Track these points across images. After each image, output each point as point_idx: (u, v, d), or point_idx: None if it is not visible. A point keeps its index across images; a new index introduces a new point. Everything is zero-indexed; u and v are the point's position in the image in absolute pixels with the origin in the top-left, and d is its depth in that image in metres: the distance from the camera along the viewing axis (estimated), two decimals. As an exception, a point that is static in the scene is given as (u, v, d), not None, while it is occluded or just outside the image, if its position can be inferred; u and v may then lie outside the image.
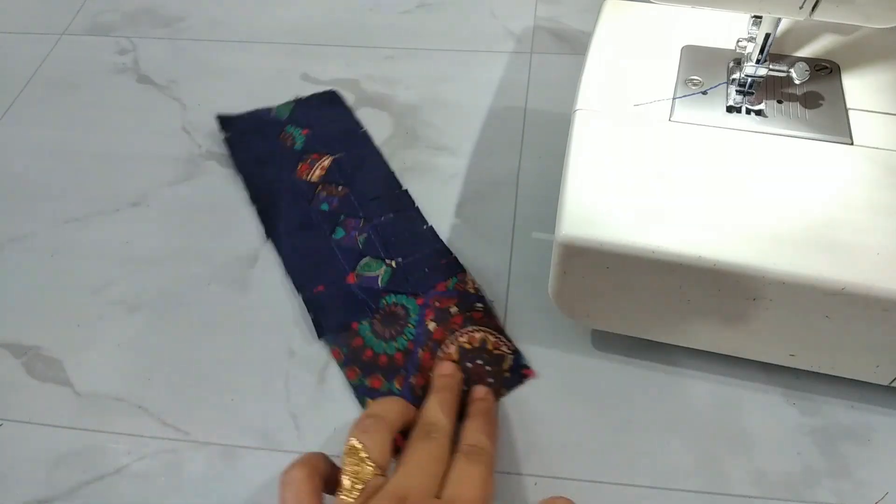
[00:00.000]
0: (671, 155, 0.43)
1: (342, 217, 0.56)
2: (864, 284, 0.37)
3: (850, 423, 0.45)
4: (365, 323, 0.50)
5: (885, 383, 0.42)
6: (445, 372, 0.47)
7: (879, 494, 0.42)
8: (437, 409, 0.42)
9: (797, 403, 0.46)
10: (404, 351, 0.48)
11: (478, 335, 0.48)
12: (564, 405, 0.47)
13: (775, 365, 0.44)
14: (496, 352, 0.48)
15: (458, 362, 0.47)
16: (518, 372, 0.47)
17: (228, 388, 0.49)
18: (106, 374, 0.50)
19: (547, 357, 0.48)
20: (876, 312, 0.37)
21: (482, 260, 0.54)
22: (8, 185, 0.63)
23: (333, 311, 0.51)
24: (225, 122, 0.64)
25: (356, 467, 0.38)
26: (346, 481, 0.37)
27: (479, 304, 0.50)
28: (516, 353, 0.48)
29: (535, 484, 0.44)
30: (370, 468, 0.38)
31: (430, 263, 0.53)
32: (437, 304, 0.50)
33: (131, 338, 0.52)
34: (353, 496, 0.37)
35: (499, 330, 0.49)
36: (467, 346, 0.48)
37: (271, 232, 0.56)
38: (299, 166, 0.60)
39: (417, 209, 0.57)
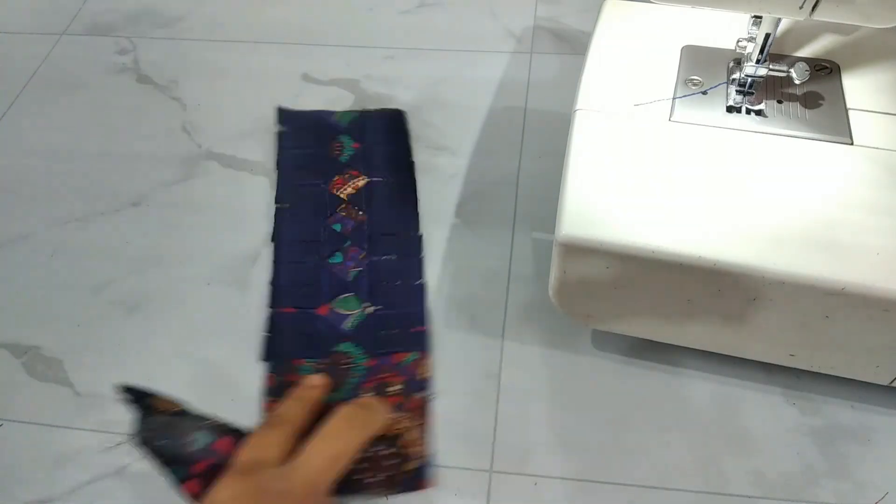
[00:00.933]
0: (671, 155, 0.43)
1: (348, 243, 0.55)
2: (863, 284, 0.37)
3: (850, 423, 0.45)
4: (308, 364, 0.49)
5: (885, 383, 0.42)
6: (314, 383, 0.43)
7: (879, 494, 0.42)
8: (289, 405, 0.41)
9: (797, 403, 0.46)
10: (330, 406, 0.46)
11: (402, 424, 0.45)
12: (564, 405, 0.47)
13: (775, 365, 0.44)
14: (407, 450, 0.43)
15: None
16: (417, 479, 0.42)
17: (229, 388, 0.49)
18: (106, 374, 0.50)
19: (547, 357, 0.48)
20: (876, 312, 0.37)
21: (482, 260, 0.54)
22: (8, 185, 0.63)
23: (289, 339, 0.50)
24: (283, 114, 0.63)
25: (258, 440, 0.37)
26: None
27: (421, 395, 0.47)
28: (426, 461, 0.44)
29: (536, 484, 0.44)
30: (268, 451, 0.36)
31: (402, 325, 0.51)
32: (382, 374, 0.48)
33: (131, 338, 0.52)
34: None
35: (425, 429, 0.46)
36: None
37: (276, 236, 0.56)
38: (336, 178, 0.59)
39: (421, 259, 0.54)
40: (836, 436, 0.44)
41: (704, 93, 0.46)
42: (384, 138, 0.62)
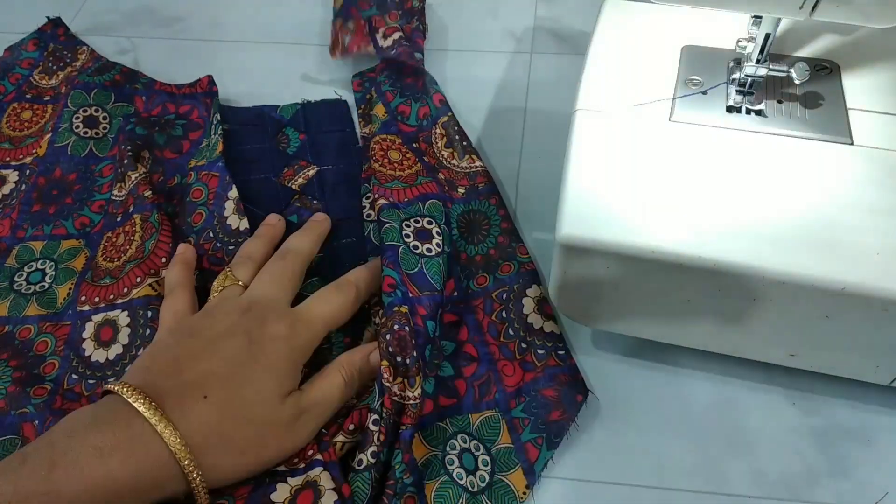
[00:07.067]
0: (671, 155, 0.43)
1: None
2: (863, 284, 0.37)
3: (850, 423, 0.45)
4: None
5: (885, 383, 0.42)
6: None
7: (879, 494, 0.42)
8: (297, 239, 0.51)
9: (797, 403, 0.46)
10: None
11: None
12: (564, 405, 0.47)
13: (775, 365, 0.44)
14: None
15: None
16: None
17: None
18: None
19: (547, 357, 0.48)
20: (876, 312, 0.38)
21: (482, 260, 0.54)
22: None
23: None
24: (226, 112, 0.63)
25: (222, 282, 0.47)
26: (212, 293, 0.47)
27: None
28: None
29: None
30: (235, 283, 0.46)
31: None
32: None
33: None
34: (213, 296, 0.46)
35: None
36: None
37: None
38: (285, 171, 0.59)
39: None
40: (837, 436, 0.44)
41: (704, 93, 0.46)
42: (328, 128, 0.63)
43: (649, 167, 0.42)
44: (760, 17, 0.43)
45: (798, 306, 0.39)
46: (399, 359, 0.43)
